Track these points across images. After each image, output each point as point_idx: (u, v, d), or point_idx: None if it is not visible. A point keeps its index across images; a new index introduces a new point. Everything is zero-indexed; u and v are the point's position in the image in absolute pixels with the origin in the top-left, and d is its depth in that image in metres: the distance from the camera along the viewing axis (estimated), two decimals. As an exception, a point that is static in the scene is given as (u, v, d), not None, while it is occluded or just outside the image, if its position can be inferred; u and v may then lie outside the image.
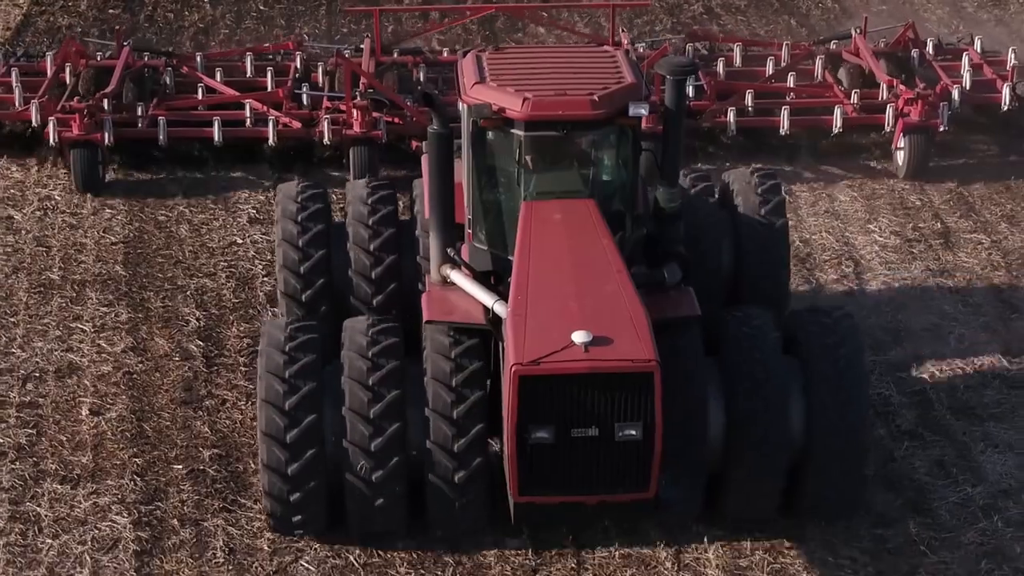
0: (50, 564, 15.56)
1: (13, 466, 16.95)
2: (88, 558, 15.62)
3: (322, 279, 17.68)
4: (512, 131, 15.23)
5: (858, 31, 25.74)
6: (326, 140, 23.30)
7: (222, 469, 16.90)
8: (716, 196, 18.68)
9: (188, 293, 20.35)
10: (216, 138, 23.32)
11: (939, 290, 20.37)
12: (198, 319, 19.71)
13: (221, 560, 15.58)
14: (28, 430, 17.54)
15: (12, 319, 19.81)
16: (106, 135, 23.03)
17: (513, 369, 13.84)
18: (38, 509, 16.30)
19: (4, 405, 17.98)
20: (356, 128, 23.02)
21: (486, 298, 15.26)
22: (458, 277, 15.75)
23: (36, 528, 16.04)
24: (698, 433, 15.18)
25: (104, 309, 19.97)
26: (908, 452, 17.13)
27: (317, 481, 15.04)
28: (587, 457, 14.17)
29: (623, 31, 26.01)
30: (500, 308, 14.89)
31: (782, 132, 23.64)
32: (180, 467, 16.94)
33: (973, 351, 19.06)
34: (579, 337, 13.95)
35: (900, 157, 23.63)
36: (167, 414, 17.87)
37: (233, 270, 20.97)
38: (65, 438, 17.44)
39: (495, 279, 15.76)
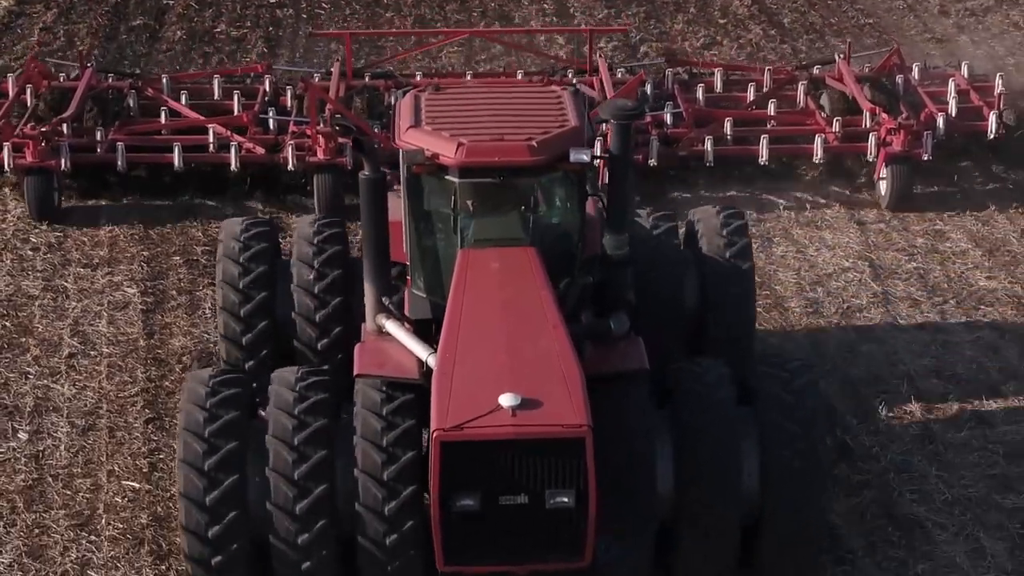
0: (76, 318, 20.03)
1: (44, 256, 21.54)
2: (105, 314, 20.13)
3: (264, 322, 17.04)
4: (447, 177, 14.55)
5: (842, 56, 24.98)
6: (290, 166, 22.63)
7: (211, 259, 20.75)
8: (681, 236, 17.98)
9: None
10: (176, 164, 22.67)
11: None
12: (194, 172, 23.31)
13: (208, 316, 19.83)
14: (56, 234, 22.09)
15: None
16: (63, 161, 22.42)
17: (435, 435, 13.13)
18: (65, 284, 20.84)
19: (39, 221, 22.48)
20: (320, 155, 22.35)
21: (421, 351, 14.57)
22: (393, 327, 15.06)
23: (64, 296, 20.54)
24: (644, 491, 14.44)
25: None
26: (761, 250, 21.53)
27: (240, 544, 14.33)
28: (516, 525, 13.46)
29: (600, 56, 25.26)
30: (435, 362, 14.17)
31: (761, 162, 22.92)
32: (178, 258, 21.44)
33: (823, 189, 23.56)
34: (506, 400, 13.23)
35: (883, 187, 22.89)
36: (170, 226, 22.38)
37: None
38: (86, 239, 22.00)
39: (436, 327, 15.05)
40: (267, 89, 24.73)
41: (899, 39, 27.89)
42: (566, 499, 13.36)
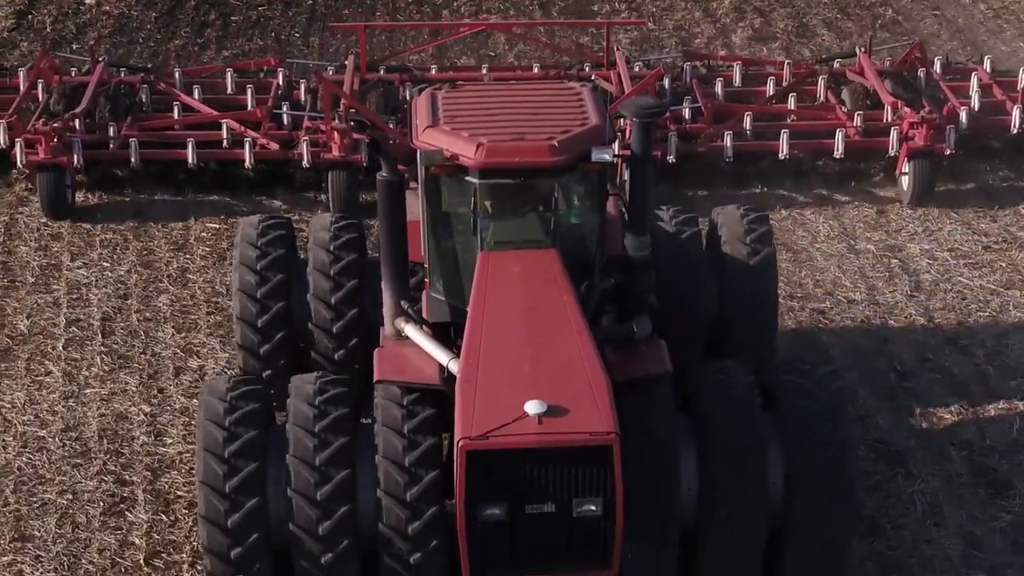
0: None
1: None
2: None
3: (280, 303, 16.85)
4: (466, 178, 14.26)
5: (862, 50, 24.63)
6: (305, 163, 22.36)
7: None
8: (703, 236, 17.67)
9: None
10: (190, 160, 22.42)
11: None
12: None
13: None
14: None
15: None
16: (75, 157, 22.16)
17: (460, 444, 12.84)
18: None
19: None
20: (335, 152, 22.06)
21: (441, 355, 14.28)
22: (412, 331, 14.77)
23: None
24: (668, 499, 14.17)
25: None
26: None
27: (260, 534, 14.01)
28: (543, 534, 13.19)
29: (618, 50, 24.94)
30: (455, 367, 13.89)
31: (781, 156, 22.62)
32: None
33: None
34: (532, 408, 12.93)
35: (905, 183, 22.58)
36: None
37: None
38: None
39: (455, 331, 14.79)
40: (280, 83, 24.47)
41: (919, 33, 27.63)
42: (593, 507, 13.10)
